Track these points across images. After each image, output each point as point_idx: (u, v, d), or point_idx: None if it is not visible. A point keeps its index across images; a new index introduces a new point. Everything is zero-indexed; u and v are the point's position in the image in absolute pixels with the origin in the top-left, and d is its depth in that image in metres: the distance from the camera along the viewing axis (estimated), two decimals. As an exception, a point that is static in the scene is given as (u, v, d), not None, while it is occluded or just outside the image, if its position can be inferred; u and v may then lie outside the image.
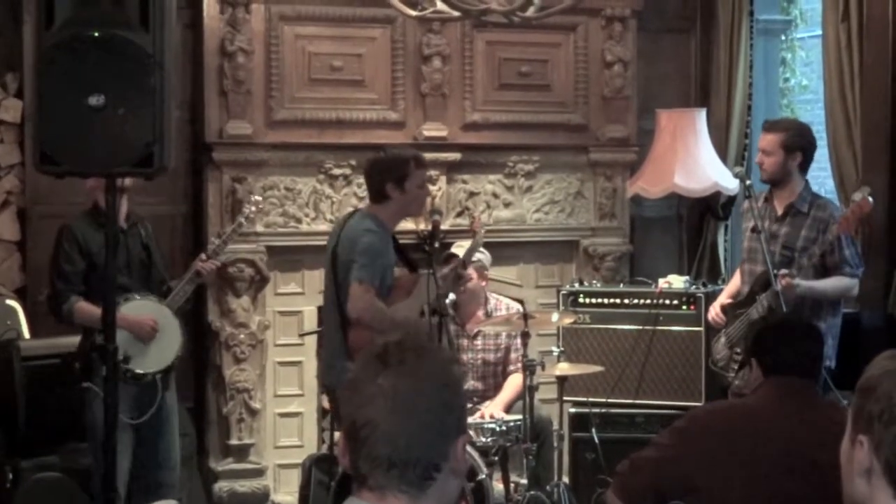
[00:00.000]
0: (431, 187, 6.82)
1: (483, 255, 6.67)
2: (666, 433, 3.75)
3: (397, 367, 2.15)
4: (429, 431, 2.14)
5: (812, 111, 11.38)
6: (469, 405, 6.61)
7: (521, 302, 6.99)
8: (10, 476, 6.00)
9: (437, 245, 5.63)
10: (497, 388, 6.65)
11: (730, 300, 6.27)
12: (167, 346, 5.87)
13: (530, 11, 5.57)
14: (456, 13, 5.63)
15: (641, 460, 3.68)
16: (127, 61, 4.44)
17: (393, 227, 5.83)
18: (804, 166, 6.06)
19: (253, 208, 6.53)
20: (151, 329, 5.80)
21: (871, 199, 5.74)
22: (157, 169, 4.58)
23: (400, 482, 2.15)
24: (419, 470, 2.15)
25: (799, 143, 6.00)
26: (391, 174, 5.74)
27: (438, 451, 2.16)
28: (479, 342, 6.73)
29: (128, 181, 5.54)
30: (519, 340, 6.16)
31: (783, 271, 5.74)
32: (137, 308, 5.80)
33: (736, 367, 5.93)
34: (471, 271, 6.44)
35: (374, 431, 2.13)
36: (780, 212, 6.04)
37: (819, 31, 8.31)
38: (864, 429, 2.09)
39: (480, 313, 6.69)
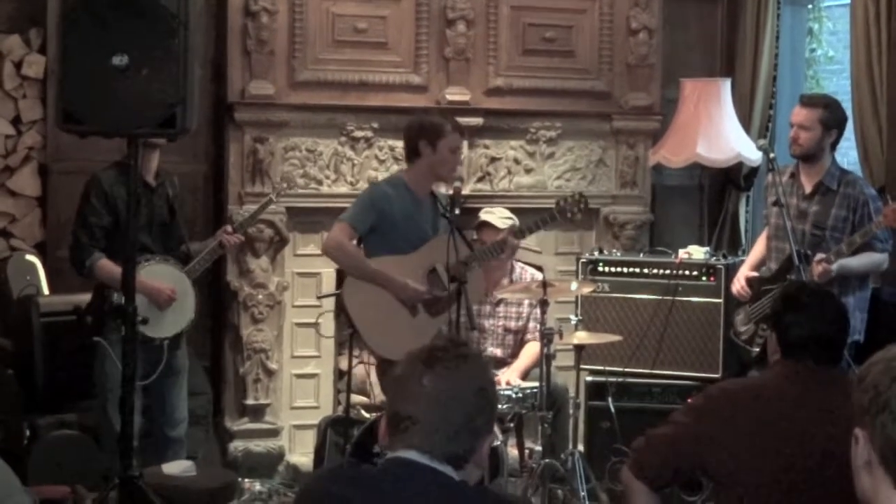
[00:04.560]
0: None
1: (514, 221, 6.67)
2: (682, 411, 3.72)
3: (440, 370, 2.47)
4: (461, 431, 2.46)
5: (837, 82, 11.28)
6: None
7: (540, 269, 6.99)
8: (28, 433, 6.03)
9: (457, 211, 5.61)
10: (515, 356, 6.65)
11: (754, 273, 6.24)
12: (180, 314, 5.88)
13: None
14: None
15: (657, 438, 3.66)
16: (151, 22, 4.44)
17: (421, 190, 5.91)
18: (836, 144, 6.04)
19: (285, 185, 6.56)
20: (169, 298, 5.80)
21: None
22: (180, 130, 4.59)
23: None
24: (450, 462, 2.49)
25: (836, 120, 5.98)
26: (426, 132, 5.89)
27: (467, 447, 2.49)
28: (501, 309, 6.73)
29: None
30: (538, 309, 6.15)
31: (819, 256, 5.71)
32: (158, 273, 5.79)
33: (761, 342, 5.92)
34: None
35: (412, 425, 2.47)
36: (808, 189, 6.00)
37: (846, 0, 8.24)
38: (859, 422, 2.07)
39: (505, 281, 6.69)
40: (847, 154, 8.33)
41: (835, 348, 3.73)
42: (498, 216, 6.69)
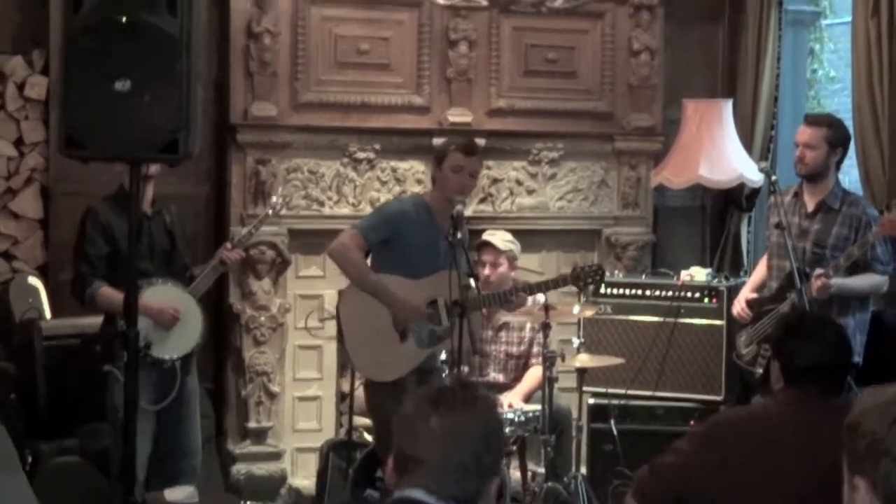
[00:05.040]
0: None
1: (514, 246, 6.67)
2: (686, 439, 3.71)
3: (448, 412, 2.46)
4: (468, 472, 2.44)
5: (838, 100, 11.30)
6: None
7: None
8: (30, 459, 6.01)
9: (459, 236, 5.58)
10: (518, 380, 6.63)
11: (754, 294, 6.24)
12: (188, 334, 5.86)
13: (558, 2, 5.54)
14: (484, 2, 5.60)
15: (661, 466, 3.65)
16: (154, 47, 4.41)
17: (441, 214, 5.81)
18: (840, 163, 6.05)
19: (280, 200, 6.55)
20: (173, 317, 5.78)
21: None
22: (183, 156, 4.54)
23: None
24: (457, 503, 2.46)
25: (841, 138, 6.00)
26: (436, 156, 6.00)
27: (474, 489, 2.47)
28: (503, 334, 6.71)
29: (153, 168, 5.54)
30: (540, 333, 6.14)
31: (818, 271, 5.72)
32: (161, 294, 5.78)
33: (763, 362, 5.91)
34: (502, 260, 6.55)
35: (419, 466, 2.45)
36: (810, 208, 6.01)
37: (847, 19, 8.25)
38: (857, 470, 2.05)
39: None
40: (848, 172, 8.33)
41: (838, 375, 3.73)
42: (500, 238, 6.68)
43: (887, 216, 5.77)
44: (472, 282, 5.81)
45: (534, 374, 6.53)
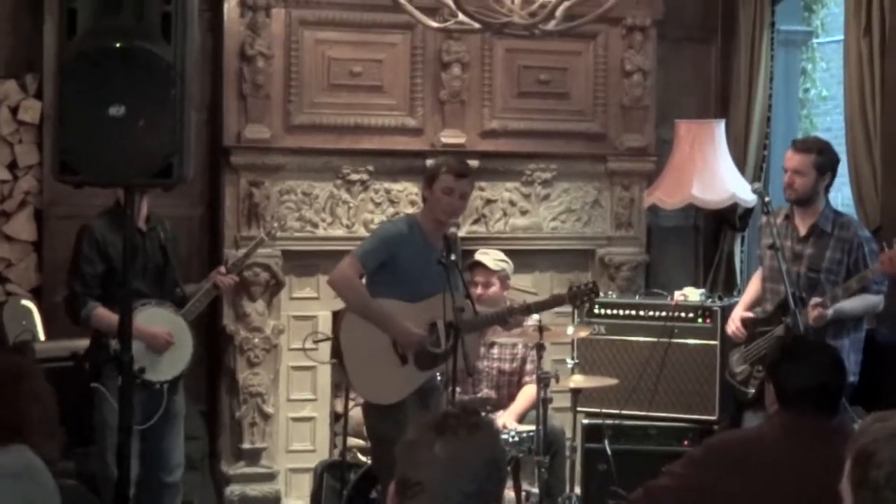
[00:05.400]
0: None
1: (507, 265, 6.69)
2: (681, 462, 3.73)
3: (452, 438, 2.47)
4: (469, 499, 2.45)
5: (830, 119, 11.33)
6: (482, 414, 6.61)
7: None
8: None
9: (453, 257, 5.59)
10: (511, 397, 6.64)
11: (749, 313, 6.24)
12: (179, 357, 5.88)
13: (551, 25, 5.55)
14: (477, 25, 5.61)
15: (655, 489, 3.67)
16: (148, 73, 4.42)
17: (430, 232, 5.85)
18: (829, 186, 6.07)
19: (276, 224, 6.58)
20: (167, 342, 5.80)
21: None
22: (177, 180, 4.55)
23: None
24: None
25: (830, 163, 6.01)
26: (426, 176, 5.99)
27: None
28: (495, 351, 6.72)
29: None
30: (534, 351, 6.15)
31: (814, 300, 5.73)
32: (153, 317, 5.80)
33: (756, 383, 5.93)
34: (494, 280, 6.58)
35: (421, 491, 2.45)
36: (802, 232, 6.02)
37: (839, 38, 8.29)
38: (872, 499, 2.06)
39: (500, 324, 6.67)
40: (840, 189, 8.36)
41: (833, 398, 3.75)
42: (492, 258, 6.70)
43: (887, 254, 5.79)
44: (468, 303, 5.83)
45: (527, 394, 6.54)
